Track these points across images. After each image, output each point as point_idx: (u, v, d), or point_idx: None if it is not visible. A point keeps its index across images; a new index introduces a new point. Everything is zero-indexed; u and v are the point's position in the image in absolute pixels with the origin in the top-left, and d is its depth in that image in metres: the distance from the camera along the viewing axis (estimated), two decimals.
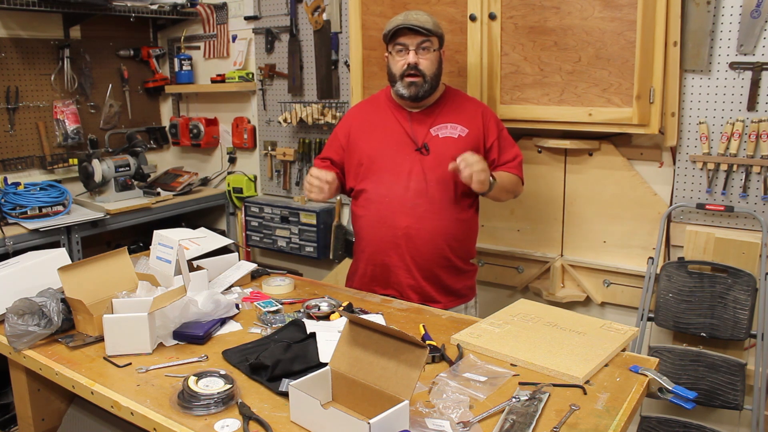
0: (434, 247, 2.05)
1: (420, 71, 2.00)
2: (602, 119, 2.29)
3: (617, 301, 2.59)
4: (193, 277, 1.84)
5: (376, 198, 2.09)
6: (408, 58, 2.00)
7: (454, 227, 2.08)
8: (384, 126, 2.13)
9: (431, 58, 2.01)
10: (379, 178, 2.09)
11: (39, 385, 1.81)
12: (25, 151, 3.35)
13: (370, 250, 2.13)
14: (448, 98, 2.14)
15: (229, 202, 3.77)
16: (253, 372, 1.48)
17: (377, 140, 2.12)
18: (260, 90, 3.54)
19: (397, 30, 2.00)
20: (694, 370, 2.27)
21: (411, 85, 2.02)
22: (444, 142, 2.06)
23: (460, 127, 2.08)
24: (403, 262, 2.07)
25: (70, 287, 1.73)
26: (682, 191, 2.39)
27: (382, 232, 2.08)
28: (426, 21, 2.00)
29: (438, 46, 2.04)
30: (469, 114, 2.11)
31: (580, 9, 2.25)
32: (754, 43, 2.16)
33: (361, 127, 2.17)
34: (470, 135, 2.08)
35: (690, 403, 1.39)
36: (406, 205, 2.04)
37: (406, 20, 1.99)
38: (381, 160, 2.09)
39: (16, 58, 3.27)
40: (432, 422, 1.25)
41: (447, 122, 2.09)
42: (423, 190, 2.03)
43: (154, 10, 3.55)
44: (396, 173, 2.06)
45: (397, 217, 2.04)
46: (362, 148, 2.13)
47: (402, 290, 2.09)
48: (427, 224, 2.03)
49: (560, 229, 2.68)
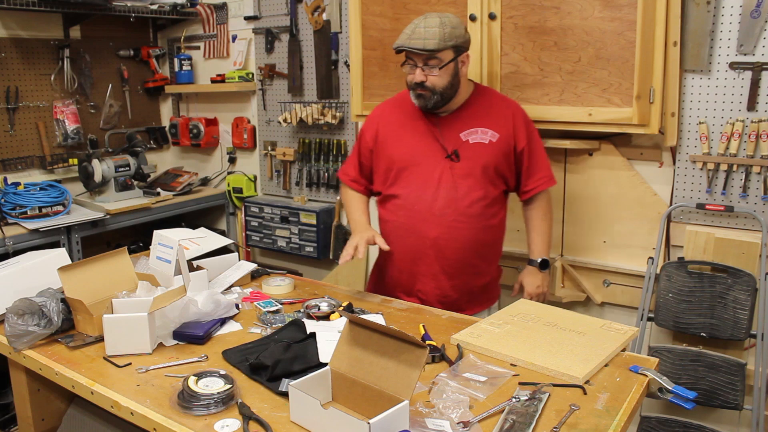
0: (463, 256, 2.03)
1: (428, 88, 1.94)
2: (602, 119, 2.29)
3: (617, 301, 2.59)
4: (193, 277, 1.84)
5: (405, 205, 2.05)
6: (416, 76, 1.94)
7: (484, 234, 2.04)
8: (413, 130, 2.07)
9: (440, 73, 1.92)
10: (408, 184, 2.04)
11: (39, 385, 1.81)
12: (25, 151, 3.35)
13: (397, 256, 2.09)
14: (478, 99, 2.07)
15: (229, 202, 3.77)
16: (253, 372, 1.49)
17: (407, 145, 2.06)
18: (260, 90, 3.54)
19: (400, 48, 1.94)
20: (694, 370, 2.27)
21: (419, 97, 1.98)
22: (474, 148, 2.01)
23: (491, 132, 2.02)
24: (431, 271, 2.04)
25: (70, 287, 1.73)
26: (682, 191, 2.39)
27: (411, 240, 2.04)
28: (432, 36, 1.87)
29: (452, 57, 1.93)
30: (500, 117, 2.05)
31: (580, 9, 2.24)
32: (754, 43, 2.16)
33: (388, 130, 2.12)
34: (501, 140, 2.03)
35: (690, 403, 1.39)
36: (435, 214, 2.00)
37: (410, 39, 1.90)
38: (411, 166, 2.04)
39: (16, 58, 3.27)
40: (432, 422, 1.25)
41: (477, 126, 2.02)
42: (452, 199, 1.99)
43: (154, 10, 3.55)
44: (425, 180, 2.02)
45: (426, 227, 2.01)
46: (391, 152, 2.08)
47: (427, 298, 2.06)
48: (456, 234, 2.00)
49: (560, 229, 2.67)
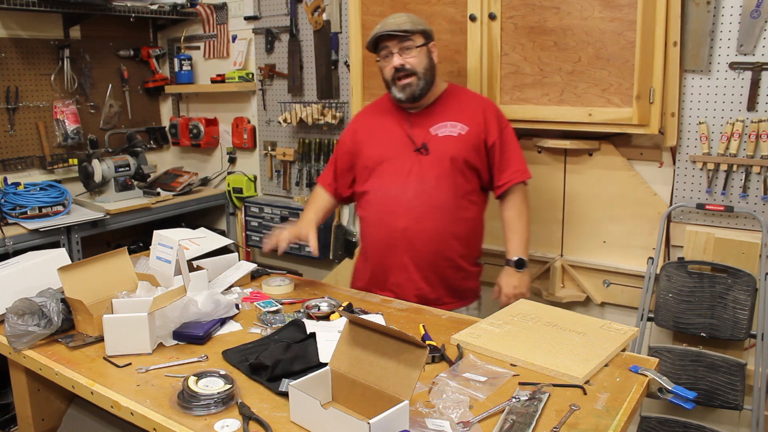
0: (435, 248, 2.05)
1: (409, 70, 2.00)
2: (602, 119, 2.29)
3: (617, 301, 2.59)
4: (193, 277, 1.84)
5: (375, 199, 2.11)
6: (393, 62, 2.01)
7: (456, 227, 2.06)
8: (385, 129, 2.14)
9: (417, 54, 2.01)
10: (379, 180, 2.10)
11: (39, 385, 1.81)
12: (25, 151, 3.35)
13: (371, 250, 2.14)
14: (449, 96, 2.13)
15: (229, 202, 3.77)
16: (253, 372, 1.48)
17: (379, 143, 2.13)
18: (260, 90, 3.54)
19: (377, 39, 2.03)
20: (694, 370, 2.27)
21: (405, 87, 2.02)
22: (443, 141, 2.05)
23: (461, 125, 2.06)
24: (401, 262, 2.06)
25: (70, 287, 1.73)
26: (682, 191, 2.39)
27: (381, 233, 2.09)
28: (403, 22, 2.01)
29: (424, 42, 2.03)
30: (471, 111, 2.09)
31: (580, 9, 2.25)
32: (754, 43, 2.16)
33: (364, 132, 2.19)
34: (471, 133, 2.06)
35: (690, 403, 1.39)
36: (404, 206, 2.04)
37: (383, 27, 2.01)
38: (383, 161, 2.10)
39: (16, 58, 3.27)
40: (432, 422, 1.25)
41: (447, 120, 2.08)
42: (421, 191, 2.03)
43: (154, 10, 3.55)
44: (395, 174, 2.07)
45: (395, 219, 2.05)
46: (366, 152, 2.15)
47: (399, 291, 2.08)
48: (424, 225, 2.03)
49: (560, 229, 2.68)
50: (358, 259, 2.28)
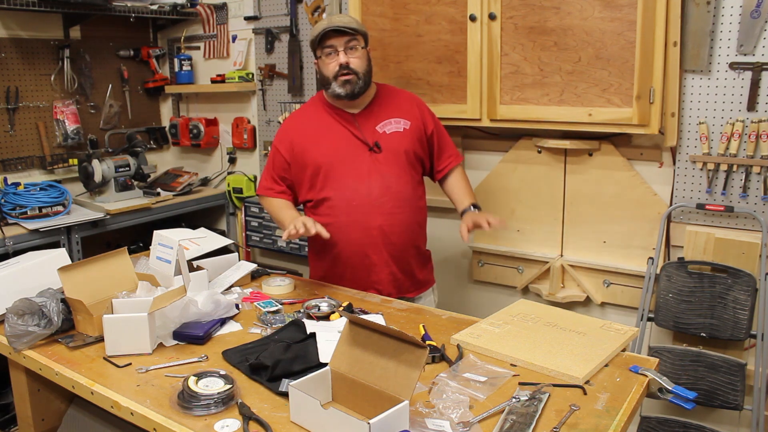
0: (408, 239, 2.15)
1: (352, 70, 2.04)
2: (602, 119, 2.29)
3: (617, 302, 2.59)
4: (193, 277, 1.84)
5: (341, 203, 2.10)
6: (339, 59, 2.04)
7: (418, 215, 2.19)
8: (330, 132, 2.13)
9: (360, 56, 2.06)
10: (339, 183, 2.10)
11: (39, 385, 1.81)
12: (25, 152, 3.35)
13: (347, 255, 2.12)
14: (383, 95, 2.20)
15: (229, 203, 3.77)
16: (253, 372, 1.49)
17: (328, 147, 2.11)
18: (260, 90, 3.54)
19: (324, 34, 2.04)
20: (694, 370, 2.27)
21: (346, 83, 2.05)
22: (392, 137, 2.13)
23: (404, 121, 2.16)
24: (382, 259, 2.11)
25: (70, 287, 1.73)
26: (682, 191, 2.39)
27: (357, 235, 2.09)
28: (350, 21, 2.06)
29: (364, 44, 2.10)
30: (407, 106, 2.19)
31: (580, 9, 2.25)
32: (754, 43, 2.16)
33: (304, 138, 2.15)
34: (413, 127, 2.16)
35: (690, 403, 1.39)
36: (374, 204, 2.08)
37: (330, 23, 2.04)
38: (338, 166, 2.10)
39: (16, 58, 3.27)
40: (432, 422, 1.25)
41: (390, 118, 2.15)
42: (386, 187, 2.09)
43: (154, 10, 3.55)
44: (356, 176, 2.09)
45: (368, 218, 2.08)
46: (313, 158, 2.11)
47: (383, 287, 2.13)
48: (397, 218, 2.11)
49: (560, 229, 2.68)
50: (319, 264, 2.23)
